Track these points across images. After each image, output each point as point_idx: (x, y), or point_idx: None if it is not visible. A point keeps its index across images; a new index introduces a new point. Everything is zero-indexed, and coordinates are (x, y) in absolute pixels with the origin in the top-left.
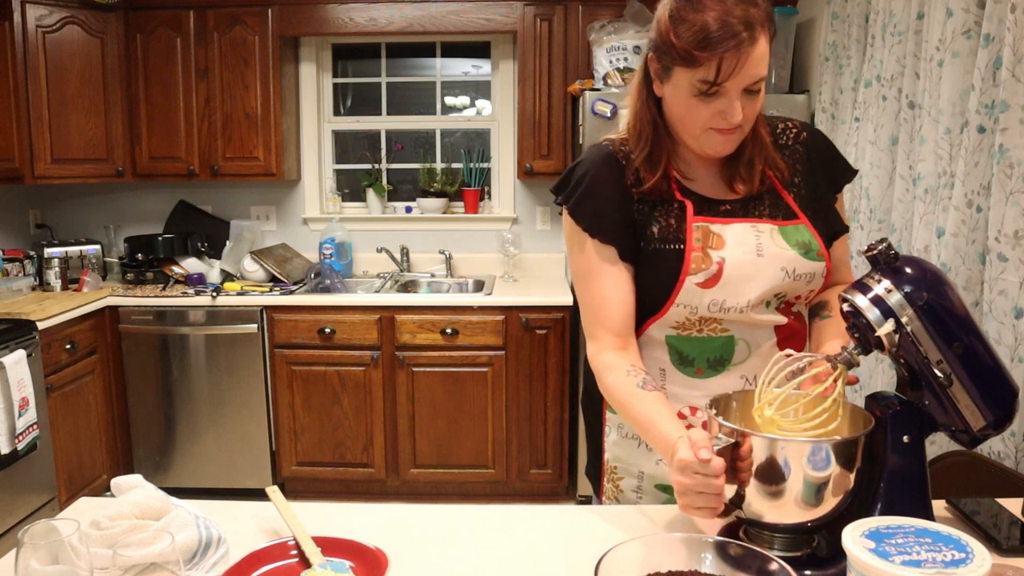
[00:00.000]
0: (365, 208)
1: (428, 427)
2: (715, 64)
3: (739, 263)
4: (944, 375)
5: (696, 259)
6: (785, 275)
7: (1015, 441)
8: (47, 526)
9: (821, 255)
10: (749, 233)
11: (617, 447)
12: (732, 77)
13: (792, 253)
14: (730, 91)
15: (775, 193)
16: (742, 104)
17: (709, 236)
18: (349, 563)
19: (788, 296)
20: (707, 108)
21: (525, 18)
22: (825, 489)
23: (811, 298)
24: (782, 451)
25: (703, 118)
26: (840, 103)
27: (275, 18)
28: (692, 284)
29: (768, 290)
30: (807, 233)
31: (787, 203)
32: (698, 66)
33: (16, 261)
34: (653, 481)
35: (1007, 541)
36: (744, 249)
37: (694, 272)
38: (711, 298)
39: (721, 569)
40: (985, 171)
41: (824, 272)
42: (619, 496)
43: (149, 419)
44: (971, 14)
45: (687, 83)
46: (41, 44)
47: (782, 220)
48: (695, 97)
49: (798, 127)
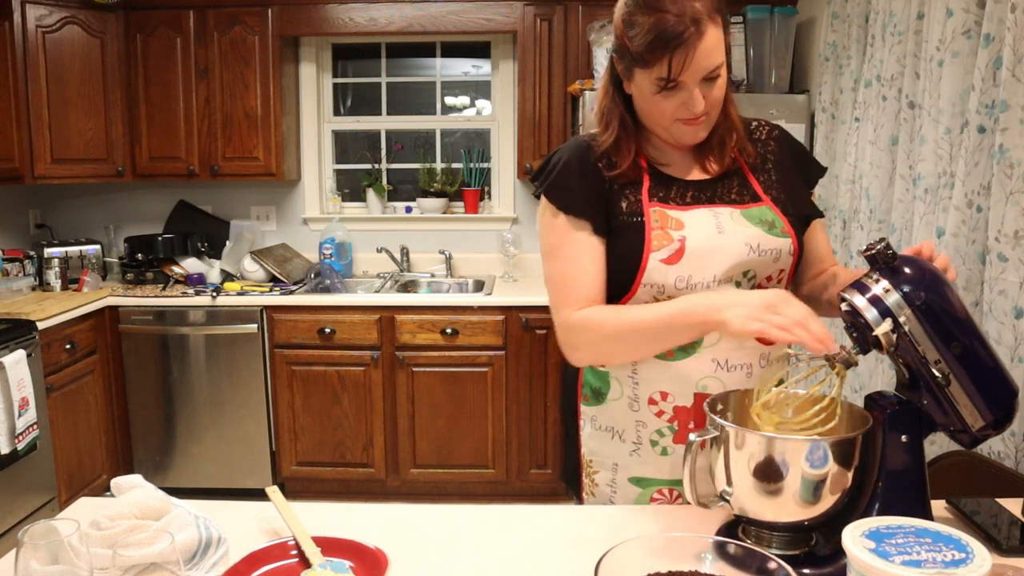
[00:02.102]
0: (365, 208)
1: (428, 427)
2: (666, 62)
3: (701, 239)
4: (942, 375)
5: (657, 236)
6: (749, 250)
7: (1015, 441)
8: (47, 526)
9: (786, 232)
10: (707, 216)
11: (592, 440)
12: (684, 72)
13: (755, 229)
14: (688, 83)
15: (743, 176)
16: (703, 92)
17: (667, 219)
18: (349, 563)
19: (758, 276)
20: (670, 102)
21: (525, 18)
22: (823, 487)
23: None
24: (780, 449)
25: (668, 111)
26: (840, 103)
27: (275, 18)
28: (656, 261)
29: (734, 265)
30: (770, 213)
31: (752, 187)
32: (651, 66)
33: (16, 261)
34: (627, 474)
35: (1007, 541)
36: (704, 227)
37: (656, 249)
38: (676, 275)
39: (721, 569)
40: (985, 171)
41: (791, 249)
42: (595, 491)
43: (149, 419)
44: (971, 14)
45: (647, 82)
46: (41, 44)
47: (745, 204)
48: (656, 95)
49: (770, 126)
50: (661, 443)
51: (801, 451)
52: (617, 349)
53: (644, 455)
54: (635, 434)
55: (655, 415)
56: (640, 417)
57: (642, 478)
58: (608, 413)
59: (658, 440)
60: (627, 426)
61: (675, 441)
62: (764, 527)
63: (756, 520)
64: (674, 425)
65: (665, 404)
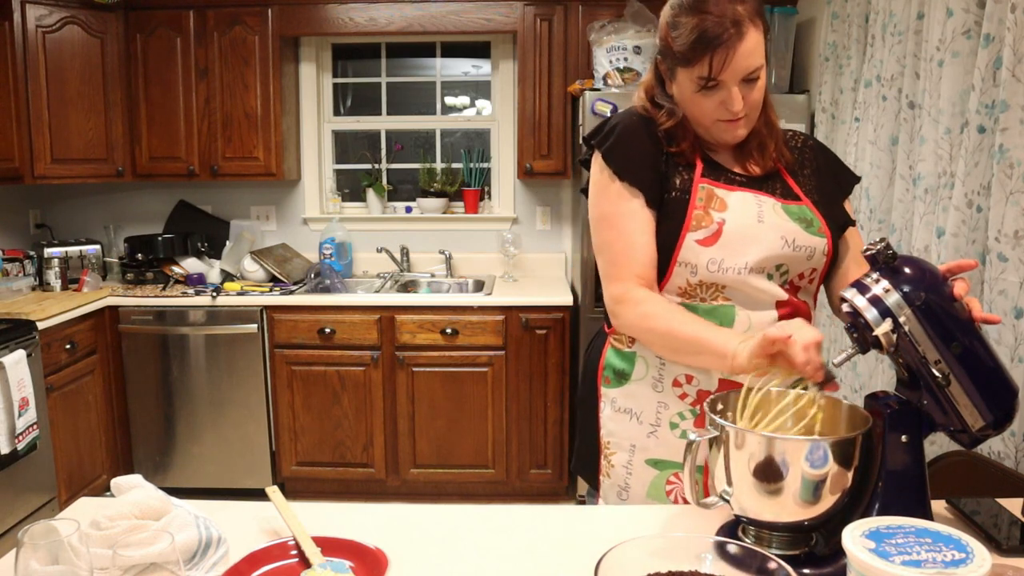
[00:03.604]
0: (365, 208)
1: (428, 427)
2: (707, 61)
3: (739, 225)
4: (942, 375)
5: (697, 216)
6: (784, 244)
7: (1015, 441)
8: (47, 526)
9: (822, 232)
10: (752, 201)
11: (611, 421)
12: (724, 71)
13: (793, 225)
14: (727, 83)
15: (782, 177)
16: (742, 93)
17: (712, 198)
18: (349, 563)
19: (790, 272)
20: (710, 101)
21: (525, 18)
22: (823, 488)
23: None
24: (780, 449)
25: (708, 111)
26: (840, 103)
27: (275, 18)
28: (692, 241)
29: (767, 256)
30: (809, 212)
31: (792, 188)
32: (693, 65)
33: (16, 261)
34: (644, 455)
35: (1007, 541)
36: (746, 214)
37: (694, 229)
38: (710, 256)
39: (721, 569)
40: (985, 171)
41: (825, 249)
42: (610, 472)
43: (149, 419)
44: (971, 14)
45: (688, 81)
46: (41, 44)
47: (787, 200)
48: (697, 93)
49: (805, 136)
50: (682, 426)
51: (801, 451)
52: (654, 342)
53: (662, 437)
54: (654, 415)
55: (679, 397)
56: (663, 398)
57: (659, 460)
58: (629, 393)
59: (678, 423)
60: (647, 407)
61: (696, 425)
62: (764, 527)
63: (756, 520)
64: (696, 409)
65: (689, 387)
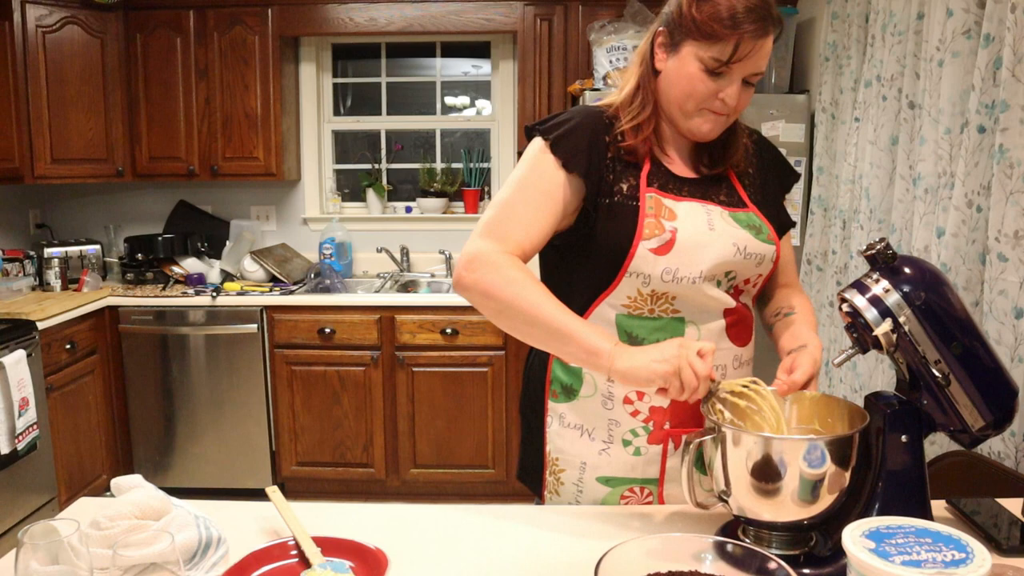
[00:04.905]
0: (365, 208)
1: (428, 427)
2: (733, 43)
3: (692, 233)
4: (942, 375)
5: (649, 225)
6: (736, 251)
7: (1015, 441)
8: (47, 526)
9: (771, 239)
10: (700, 210)
11: (559, 438)
12: (743, 59)
13: (744, 232)
14: (735, 74)
15: (730, 181)
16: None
17: (661, 207)
18: (349, 563)
19: (738, 278)
20: (710, 86)
21: (525, 18)
22: (821, 487)
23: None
24: (777, 449)
25: (703, 95)
26: (840, 103)
27: (275, 18)
28: (645, 250)
29: (720, 263)
30: (757, 219)
31: (739, 193)
32: (716, 42)
33: (16, 261)
34: (595, 473)
35: (1007, 541)
36: (696, 221)
37: (647, 238)
38: (664, 266)
39: (721, 569)
40: (985, 171)
41: (773, 257)
42: (559, 489)
43: (149, 419)
44: (971, 14)
45: (696, 58)
46: (41, 44)
47: (733, 208)
48: (702, 72)
49: (750, 130)
50: (635, 443)
51: (799, 451)
52: (502, 313)
53: (614, 454)
54: (606, 433)
55: (630, 415)
56: (614, 415)
57: (611, 477)
58: (579, 410)
59: (631, 440)
60: (598, 424)
61: (649, 441)
62: (764, 527)
63: (755, 520)
64: (649, 425)
65: (641, 404)
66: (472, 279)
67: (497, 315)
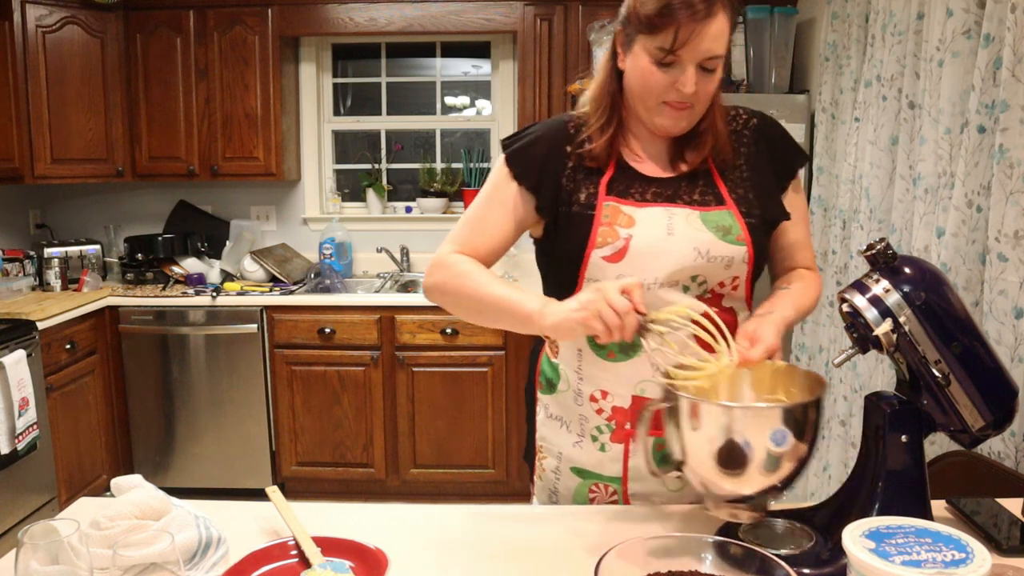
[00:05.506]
0: (365, 208)
1: (428, 427)
2: (672, 31)
3: (647, 240)
4: (942, 375)
5: (603, 233)
6: (698, 255)
7: (1015, 441)
8: (47, 526)
9: (742, 240)
10: (661, 215)
11: (544, 427)
12: (686, 46)
13: (707, 235)
14: (685, 61)
15: (710, 177)
16: (696, 80)
17: (618, 215)
18: (349, 563)
19: (708, 282)
20: (663, 77)
21: (525, 18)
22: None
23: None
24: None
25: (658, 88)
26: (840, 103)
27: (275, 18)
28: (598, 258)
29: (680, 269)
30: (730, 218)
31: (718, 189)
32: (657, 33)
33: (16, 261)
34: (569, 463)
35: (1007, 541)
36: (654, 227)
37: (600, 246)
38: (617, 273)
39: (721, 569)
40: (985, 171)
41: (745, 257)
42: (542, 475)
43: (149, 419)
44: (971, 14)
45: (646, 51)
46: (41, 44)
47: (706, 207)
48: (653, 65)
49: (749, 114)
50: (600, 439)
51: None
52: (457, 303)
53: (585, 448)
54: (579, 427)
55: (595, 412)
56: (583, 412)
57: (582, 469)
58: (558, 403)
59: (597, 436)
60: (572, 418)
61: (612, 440)
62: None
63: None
64: (612, 424)
65: (605, 403)
66: (430, 281)
67: (456, 307)
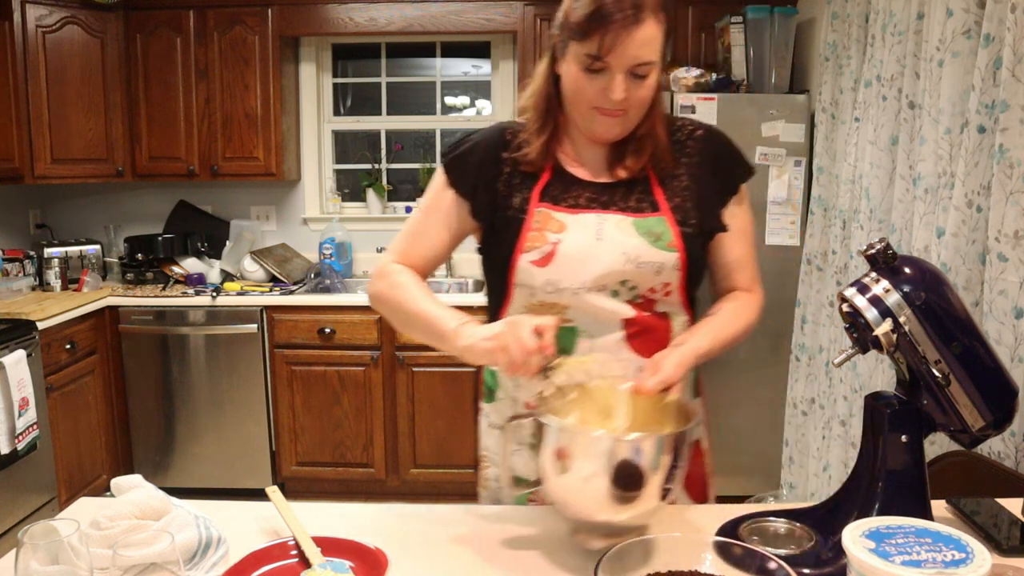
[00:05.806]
0: (365, 208)
1: (428, 427)
2: (598, 39)
3: (575, 244)
4: (942, 375)
5: (532, 237)
6: (626, 260)
7: (1015, 441)
8: (47, 526)
9: (673, 247)
10: (592, 221)
11: (486, 436)
12: (613, 52)
13: (637, 240)
14: (613, 68)
15: (647, 185)
16: (627, 87)
17: (549, 220)
18: (349, 563)
19: (639, 287)
20: (592, 84)
21: (525, 18)
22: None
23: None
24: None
25: (589, 95)
26: (840, 103)
27: (275, 18)
28: (526, 262)
29: (607, 273)
30: (661, 225)
31: (654, 197)
32: (585, 39)
33: (16, 261)
34: (509, 472)
35: (1007, 541)
36: (584, 232)
37: (528, 250)
38: (545, 277)
39: (721, 569)
40: (985, 171)
41: (676, 264)
42: (487, 484)
43: (149, 419)
44: (971, 14)
45: (576, 58)
46: (41, 44)
47: (640, 213)
48: (582, 72)
49: (696, 125)
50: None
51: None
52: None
53: (524, 456)
54: (517, 434)
55: None
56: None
57: (520, 478)
58: (498, 411)
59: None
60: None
61: None
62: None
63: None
64: None
65: None
66: (371, 290)
67: (391, 317)
